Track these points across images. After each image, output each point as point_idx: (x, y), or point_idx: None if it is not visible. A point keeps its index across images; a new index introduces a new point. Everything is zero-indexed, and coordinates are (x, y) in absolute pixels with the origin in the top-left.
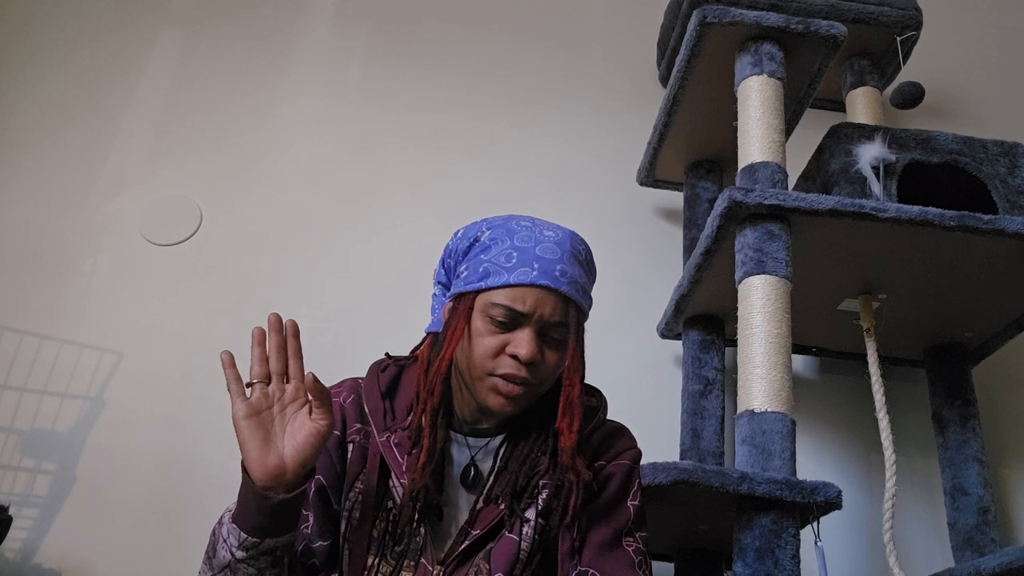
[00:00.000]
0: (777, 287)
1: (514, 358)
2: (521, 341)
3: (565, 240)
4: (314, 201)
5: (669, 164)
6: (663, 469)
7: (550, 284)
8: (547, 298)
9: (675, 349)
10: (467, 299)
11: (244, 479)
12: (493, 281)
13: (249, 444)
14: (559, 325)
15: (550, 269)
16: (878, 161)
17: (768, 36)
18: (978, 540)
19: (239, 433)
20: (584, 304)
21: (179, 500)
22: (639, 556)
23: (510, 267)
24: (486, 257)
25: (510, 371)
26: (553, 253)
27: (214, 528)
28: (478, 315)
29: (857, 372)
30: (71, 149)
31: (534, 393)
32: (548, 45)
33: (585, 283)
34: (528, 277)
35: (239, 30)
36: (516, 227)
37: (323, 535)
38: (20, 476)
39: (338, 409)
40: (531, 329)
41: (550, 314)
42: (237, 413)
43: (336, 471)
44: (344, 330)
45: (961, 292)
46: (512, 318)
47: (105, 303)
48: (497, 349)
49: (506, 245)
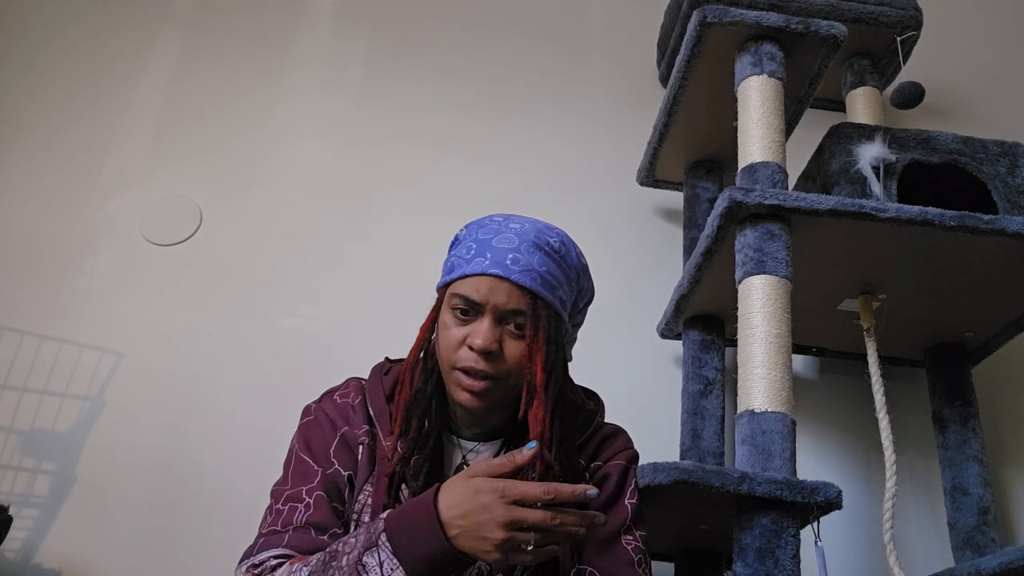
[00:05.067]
0: (777, 287)
1: (472, 349)
2: (478, 331)
3: (529, 231)
4: (314, 201)
5: (669, 164)
6: (663, 469)
7: (499, 272)
8: (499, 286)
9: (675, 349)
10: (439, 294)
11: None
12: (455, 274)
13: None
14: (515, 313)
15: (502, 258)
16: (878, 161)
17: (768, 36)
18: (978, 540)
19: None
20: (545, 292)
21: (179, 500)
22: (638, 554)
23: (468, 259)
24: (454, 252)
25: (470, 364)
26: (510, 243)
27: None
28: (445, 308)
29: (857, 372)
30: (71, 149)
31: (502, 388)
32: (548, 45)
33: (549, 272)
34: (481, 267)
35: (239, 30)
36: (487, 222)
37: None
38: (20, 476)
39: (351, 410)
40: (488, 319)
41: (504, 302)
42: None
43: (357, 469)
44: (344, 330)
45: (961, 292)
46: (470, 308)
47: (105, 303)
48: (459, 341)
49: (471, 239)
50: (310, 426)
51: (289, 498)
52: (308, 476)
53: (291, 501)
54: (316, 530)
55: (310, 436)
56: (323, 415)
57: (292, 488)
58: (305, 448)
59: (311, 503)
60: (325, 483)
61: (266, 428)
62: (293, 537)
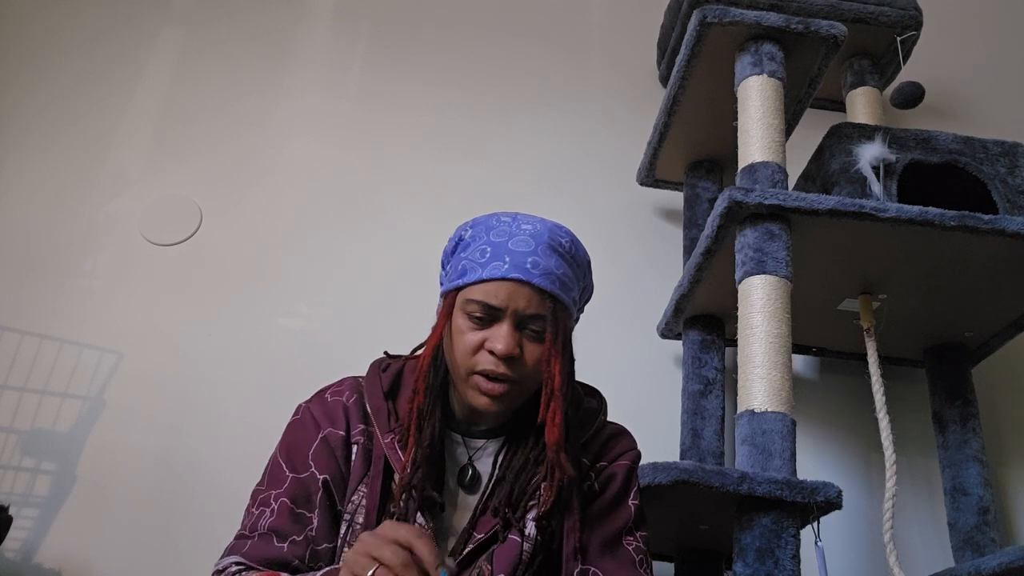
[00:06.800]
0: (777, 287)
1: (492, 354)
2: (498, 336)
3: (542, 232)
4: (314, 201)
5: (669, 164)
6: (663, 469)
7: (521, 277)
8: (520, 291)
9: (675, 349)
10: (449, 298)
11: None
12: (469, 278)
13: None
14: (536, 318)
15: (521, 262)
16: (878, 161)
17: (768, 36)
18: (978, 540)
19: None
20: (563, 295)
21: (179, 500)
22: (640, 555)
23: (483, 262)
24: (464, 255)
25: (489, 368)
26: (527, 245)
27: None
28: (458, 313)
29: (857, 372)
30: (71, 149)
31: (520, 391)
32: (548, 45)
33: (564, 274)
34: (500, 271)
35: (239, 30)
36: (495, 223)
37: (329, 537)
38: (20, 476)
39: (341, 409)
40: (508, 324)
41: (524, 307)
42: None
43: (340, 471)
44: (344, 329)
45: (961, 292)
46: (488, 313)
47: (105, 303)
48: (476, 346)
49: (482, 241)
50: (294, 426)
51: (261, 502)
52: (279, 480)
53: (262, 505)
54: (277, 537)
55: (291, 437)
56: (309, 415)
57: (265, 491)
58: (284, 450)
59: (276, 508)
60: (293, 489)
61: (266, 428)
62: (255, 544)
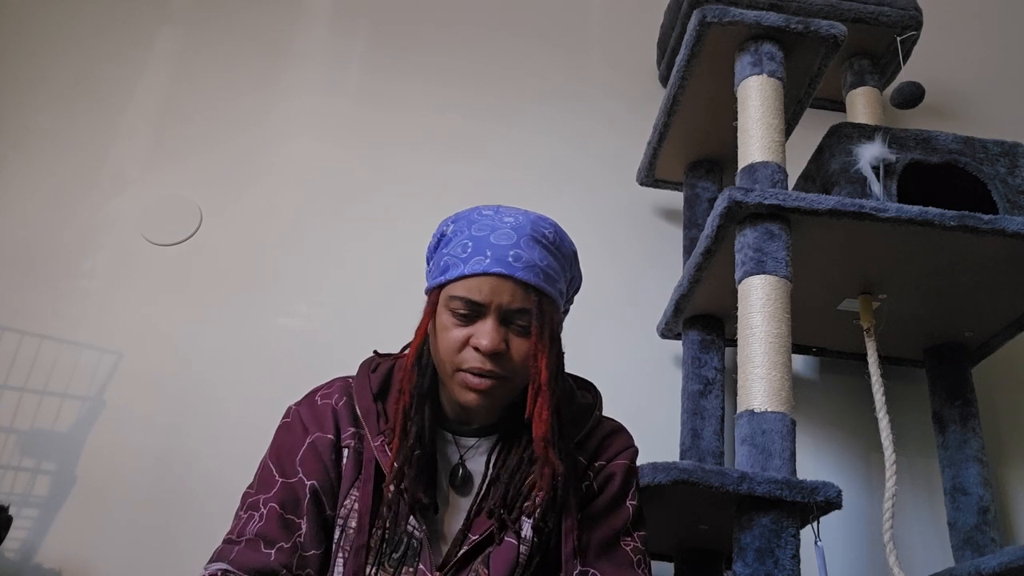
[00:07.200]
0: (777, 287)
1: (477, 351)
2: (483, 332)
3: (525, 224)
4: (314, 200)
5: (669, 164)
6: (663, 469)
7: (503, 271)
8: (503, 285)
9: (675, 349)
10: (432, 295)
11: None
12: (451, 274)
13: None
14: (521, 312)
15: (503, 255)
16: (878, 161)
17: (768, 36)
18: (978, 540)
19: None
20: (548, 287)
21: (179, 500)
22: (638, 555)
23: (465, 257)
24: (447, 250)
25: (476, 365)
26: (508, 239)
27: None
28: (442, 310)
29: (857, 372)
30: (71, 149)
31: (508, 386)
32: (548, 45)
33: (549, 266)
34: (481, 266)
35: (238, 30)
36: (477, 217)
37: (316, 543)
38: (20, 476)
39: (331, 412)
40: (492, 319)
41: (509, 301)
42: None
43: (330, 476)
44: (344, 329)
45: (961, 292)
46: (471, 309)
47: (105, 303)
48: (461, 343)
49: (464, 236)
50: (283, 430)
51: (250, 505)
52: (269, 485)
53: (251, 509)
54: (265, 543)
55: (281, 441)
56: (298, 419)
57: (255, 495)
58: (274, 453)
59: (264, 514)
60: (282, 494)
61: (266, 428)
62: (241, 551)
